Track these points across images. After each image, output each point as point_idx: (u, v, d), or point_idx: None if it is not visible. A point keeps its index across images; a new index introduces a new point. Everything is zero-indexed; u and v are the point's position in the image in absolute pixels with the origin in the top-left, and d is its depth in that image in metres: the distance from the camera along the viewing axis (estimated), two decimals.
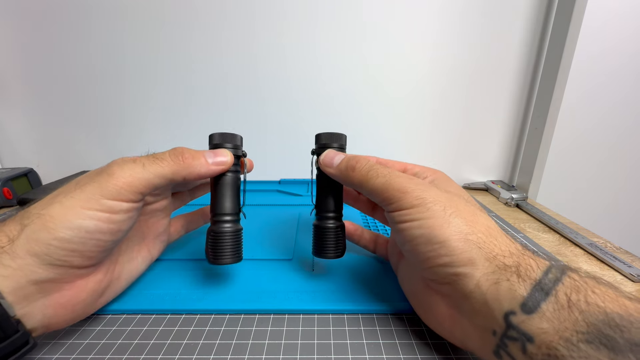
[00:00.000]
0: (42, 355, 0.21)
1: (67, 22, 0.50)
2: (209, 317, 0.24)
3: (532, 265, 0.17)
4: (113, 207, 0.19)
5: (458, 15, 0.50)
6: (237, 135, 0.26)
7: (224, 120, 0.56)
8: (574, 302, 0.15)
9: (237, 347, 0.21)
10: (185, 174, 0.22)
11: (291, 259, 0.32)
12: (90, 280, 0.21)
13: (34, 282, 0.18)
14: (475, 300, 0.18)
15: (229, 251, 0.24)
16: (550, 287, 0.16)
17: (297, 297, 0.26)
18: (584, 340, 0.14)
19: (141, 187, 0.20)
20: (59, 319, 0.19)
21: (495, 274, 0.17)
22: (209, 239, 0.25)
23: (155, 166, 0.21)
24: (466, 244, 0.18)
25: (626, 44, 0.51)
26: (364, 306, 0.25)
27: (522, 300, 0.16)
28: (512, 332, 0.16)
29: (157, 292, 0.26)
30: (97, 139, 0.57)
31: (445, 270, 0.19)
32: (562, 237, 0.39)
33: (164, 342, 0.22)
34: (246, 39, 0.51)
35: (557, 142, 0.53)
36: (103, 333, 0.23)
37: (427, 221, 0.19)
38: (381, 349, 0.21)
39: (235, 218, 0.25)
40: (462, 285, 0.18)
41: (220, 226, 0.24)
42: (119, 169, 0.20)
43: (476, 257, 0.18)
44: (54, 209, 0.18)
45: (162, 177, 0.21)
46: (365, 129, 0.56)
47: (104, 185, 0.19)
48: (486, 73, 0.53)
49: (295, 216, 0.41)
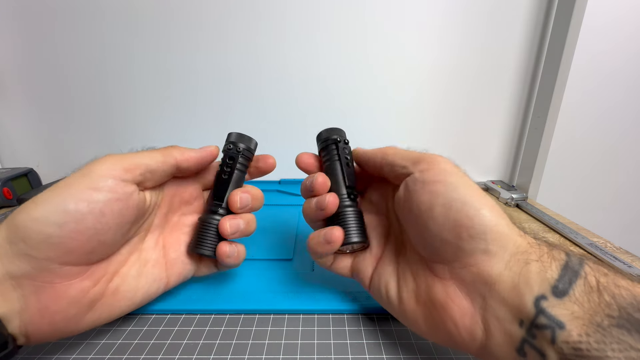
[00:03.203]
0: (42, 355, 0.21)
1: (67, 22, 0.50)
2: (209, 317, 0.24)
3: (555, 246, 0.16)
4: (96, 182, 0.18)
5: (459, 16, 0.50)
6: (245, 135, 0.26)
7: (225, 121, 0.56)
8: (603, 285, 0.14)
9: (237, 347, 0.21)
10: (177, 154, 0.23)
11: (291, 259, 0.32)
12: (74, 286, 0.18)
13: (11, 275, 0.17)
14: (503, 285, 0.16)
15: (209, 243, 0.24)
16: (577, 268, 0.15)
17: (297, 297, 0.26)
18: (615, 325, 0.13)
19: (130, 164, 0.20)
20: (36, 328, 0.18)
21: (525, 253, 0.16)
22: (196, 226, 0.25)
23: (146, 151, 0.21)
24: (500, 216, 0.17)
25: (626, 44, 0.51)
26: (364, 306, 0.25)
27: (553, 283, 0.15)
28: (542, 319, 0.14)
29: None
30: (97, 139, 0.57)
31: (475, 245, 0.17)
32: (562, 237, 0.39)
33: (164, 342, 0.22)
34: (247, 40, 0.51)
35: (557, 142, 0.53)
36: (103, 333, 0.23)
37: (464, 186, 0.18)
38: (381, 348, 0.21)
39: (224, 210, 0.25)
40: (489, 267, 0.17)
41: (210, 216, 0.24)
42: (107, 155, 0.20)
43: (509, 233, 0.17)
44: (38, 196, 0.18)
45: (151, 158, 0.21)
46: (366, 129, 0.56)
47: (89, 168, 0.19)
48: (486, 73, 0.53)
49: (295, 216, 0.41)
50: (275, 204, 0.46)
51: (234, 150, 0.25)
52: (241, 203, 0.24)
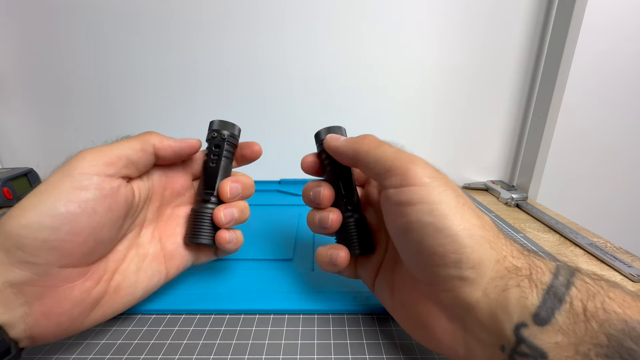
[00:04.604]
0: (42, 355, 0.21)
1: (67, 22, 0.50)
2: (209, 317, 0.24)
3: (541, 266, 0.15)
4: (81, 181, 0.18)
5: (459, 16, 0.50)
6: (228, 122, 0.26)
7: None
8: (590, 311, 0.13)
9: (237, 347, 0.21)
10: (155, 141, 0.22)
11: (291, 259, 0.32)
12: (77, 287, 0.18)
13: (10, 283, 0.16)
14: (481, 312, 0.15)
15: (206, 232, 0.24)
16: (562, 292, 0.14)
17: (297, 297, 0.26)
18: (603, 355, 0.12)
19: (110, 157, 0.20)
20: (42, 330, 0.17)
21: (504, 278, 0.15)
22: (189, 216, 0.25)
23: (122, 141, 0.21)
24: (478, 242, 0.16)
25: (626, 44, 0.51)
26: (364, 306, 0.25)
27: (534, 310, 0.14)
28: (523, 348, 0.14)
29: (157, 292, 0.26)
30: (97, 139, 0.56)
31: (449, 272, 0.16)
32: (562, 237, 0.39)
33: (164, 342, 0.22)
34: (247, 39, 0.51)
35: (557, 142, 0.53)
36: (103, 333, 0.23)
37: (439, 207, 0.16)
38: (381, 348, 0.21)
39: (216, 199, 0.25)
40: (466, 293, 0.16)
41: (203, 206, 0.24)
42: (84, 151, 0.20)
43: (486, 259, 0.16)
44: (23, 202, 0.17)
45: (130, 147, 0.21)
46: (366, 129, 0.55)
47: (70, 166, 0.19)
48: (486, 73, 0.53)
49: (295, 216, 0.41)
50: (275, 204, 0.46)
51: (219, 137, 0.25)
52: (231, 193, 0.24)
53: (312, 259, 0.31)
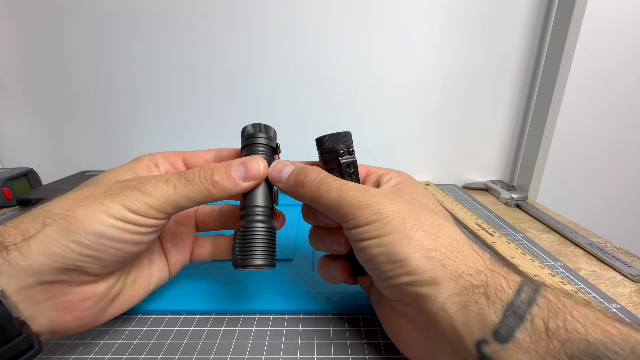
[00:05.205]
0: (42, 355, 0.21)
1: (68, 22, 0.50)
2: (209, 317, 0.24)
3: (502, 284, 0.16)
4: (139, 221, 0.19)
5: (459, 16, 0.50)
6: (271, 127, 0.24)
7: (226, 121, 0.56)
8: (552, 330, 0.13)
9: (237, 347, 0.21)
10: (218, 196, 0.21)
11: (291, 259, 0.32)
12: (100, 285, 0.19)
13: (41, 282, 0.17)
14: (443, 325, 0.16)
15: (260, 251, 0.20)
16: (524, 310, 0.14)
17: (297, 297, 0.26)
18: None
19: (170, 209, 0.20)
20: (64, 324, 0.18)
21: (461, 295, 0.16)
22: (236, 237, 0.21)
23: (187, 190, 0.20)
24: (429, 262, 0.17)
25: (626, 44, 0.51)
26: (364, 306, 0.25)
27: (494, 327, 0.14)
28: None
29: (157, 292, 0.26)
30: (97, 138, 0.57)
31: (408, 290, 0.17)
32: (562, 237, 0.39)
33: (164, 342, 0.22)
34: (247, 39, 0.51)
35: (557, 142, 0.53)
36: (103, 333, 0.23)
37: (386, 238, 0.17)
38: (381, 348, 0.21)
39: (268, 213, 0.22)
40: (426, 306, 0.17)
41: (251, 221, 0.21)
42: (152, 188, 0.19)
43: (440, 277, 0.16)
44: (79, 212, 0.17)
45: (192, 201, 0.20)
46: (366, 129, 0.56)
47: (135, 200, 0.18)
48: (486, 73, 0.53)
49: (295, 216, 0.41)
50: None
51: (276, 145, 0.24)
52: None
53: (312, 259, 0.31)
